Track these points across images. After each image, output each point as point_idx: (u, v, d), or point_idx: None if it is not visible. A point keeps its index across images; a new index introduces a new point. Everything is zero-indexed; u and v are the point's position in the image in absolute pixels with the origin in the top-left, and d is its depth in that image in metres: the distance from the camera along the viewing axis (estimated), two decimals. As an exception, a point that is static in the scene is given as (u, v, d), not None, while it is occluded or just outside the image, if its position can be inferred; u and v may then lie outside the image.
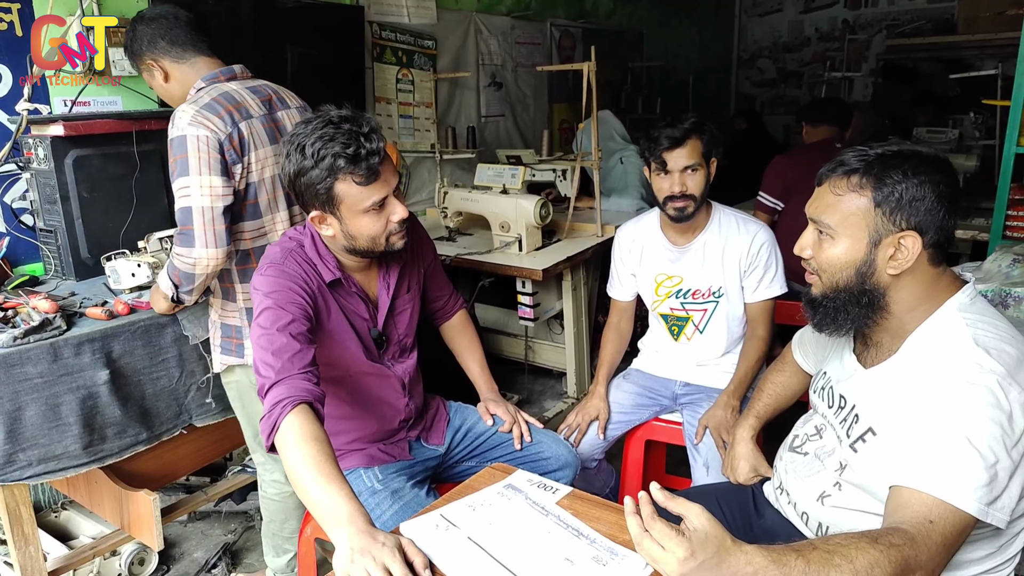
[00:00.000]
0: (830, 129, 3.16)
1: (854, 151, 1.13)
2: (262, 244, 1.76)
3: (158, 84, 1.79)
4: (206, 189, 1.60)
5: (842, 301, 1.14)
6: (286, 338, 1.29)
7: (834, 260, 1.13)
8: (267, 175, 1.73)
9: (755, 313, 1.95)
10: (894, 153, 1.10)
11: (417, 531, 1.11)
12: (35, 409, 1.64)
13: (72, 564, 1.97)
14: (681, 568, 0.84)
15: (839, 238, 1.11)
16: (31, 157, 2.06)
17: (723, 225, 1.92)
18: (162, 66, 1.74)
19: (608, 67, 4.56)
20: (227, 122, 1.64)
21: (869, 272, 1.11)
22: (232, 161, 1.64)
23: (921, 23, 6.17)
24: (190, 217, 1.59)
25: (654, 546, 0.86)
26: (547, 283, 2.89)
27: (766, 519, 1.37)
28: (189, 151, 1.59)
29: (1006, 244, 2.41)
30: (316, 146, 1.31)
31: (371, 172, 1.33)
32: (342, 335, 1.49)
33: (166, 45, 1.73)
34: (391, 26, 3.52)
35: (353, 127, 1.32)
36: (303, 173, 1.33)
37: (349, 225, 1.38)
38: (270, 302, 1.35)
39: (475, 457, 1.70)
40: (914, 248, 1.07)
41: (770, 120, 6.58)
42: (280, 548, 1.98)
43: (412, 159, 3.73)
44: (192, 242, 1.60)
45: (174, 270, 1.66)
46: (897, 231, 1.07)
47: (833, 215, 1.11)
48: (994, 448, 0.96)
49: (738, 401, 1.85)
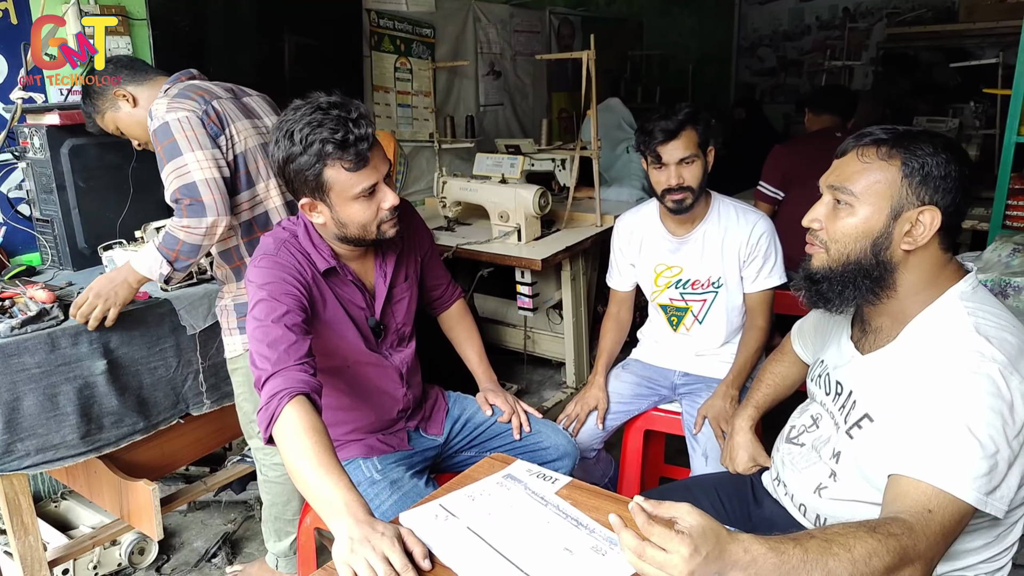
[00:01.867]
0: (832, 118, 3.14)
1: (880, 127, 1.13)
2: (261, 212, 1.84)
3: (126, 115, 1.84)
4: (203, 162, 1.66)
5: (851, 274, 1.12)
6: (281, 329, 1.28)
7: (850, 230, 1.11)
8: (250, 144, 1.80)
9: (754, 303, 1.94)
10: (920, 131, 1.10)
11: (416, 521, 1.11)
12: (33, 399, 1.64)
13: (72, 553, 1.97)
14: (688, 565, 0.83)
15: (859, 207, 1.10)
16: (27, 146, 2.05)
17: (722, 215, 1.91)
18: (129, 92, 1.81)
19: (607, 56, 4.55)
20: (200, 102, 1.73)
21: (885, 245, 1.09)
22: (215, 134, 1.72)
23: (922, 11, 6.12)
24: (196, 190, 1.65)
25: (657, 552, 0.84)
26: (546, 273, 2.88)
27: (765, 509, 1.37)
28: (175, 134, 1.65)
29: (1006, 234, 2.40)
30: (304, 132, 1.30)
31: (360, 158, 1.32)
32: (339, 324, 1.49)
33: (129, 73, 1.83)
34: (389, 14, 3.50)
35: (341, 113, 1.31)
36: (292, 160, 1.32)
37: (339, 212, 1.37)
38: (264, 294, 1.34)
39: (474, 447, 1.70)
40: (932, 224, 1.06)
41: (770, 109, 6.55)
42: (282, 531, 1.99)
43: (411, 148, 3.71)
44: (203, 212, 1.64)
45: (174, 243, 1.67)
46: (919, 204, 1.07)
47: (858, 182, 1.10)
48: (994, 437, 0.96)
49: (737, 391, 1.85)
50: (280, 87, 2.96)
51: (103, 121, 1.86)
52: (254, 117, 1.86)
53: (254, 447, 1.97)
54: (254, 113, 1.87)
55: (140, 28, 2.45)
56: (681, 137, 1.79)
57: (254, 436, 1.94)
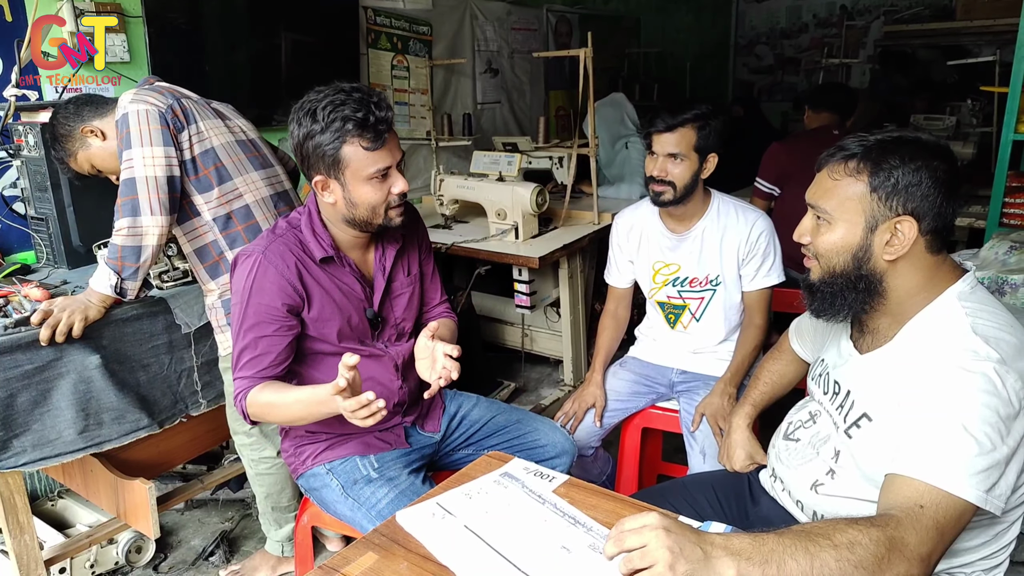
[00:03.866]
0: (830, 116, 3.14)
1: (854, 137, 1.13)
2: (241, 205, 1.84)
3: (98, 150, 1.83)
4: (148, 160, 1.66)
5: (839, 286, 1.14)
6: (251, 339, 1.43)
7: (830, 245, 1.13)
8: (223, 140, 1.82)
9: (752, 302, 1.94)
10: (893, 139, 1.10)
11: (413, 519, 1.11)
12: (27, 396, 1.64)
13: (69, 552, 1.97)
14: (662, 522, 0.85)
15: (836, 223, 1.12)
16: (21, 144, 2.04)
17: (722, 213, 1.91)
18: (95, 126, 1.81)
19: (605, 53, 4.53)
20: (167, 97, 1.74)
21: (865, 257, 1.11)
22: (178, 128, 1.72)
23: (919, 9, 6.13)
24: (133, 188, 1.65)
25: (631, 535, 0.85)
26: (544, 271, 2.88)
27: (762, 507, 1.37)
28: (131, 125, 1.66)
29: (1003, 231, 2.40)
30: (327, 110, 1.34)
31: (378, 137, 1.36)
32: (334, 312, 1.49)
33: (91, 108, 1.83)
34: (386, 11, 3.49)
35: (363, 95, 1.37)
36: (311, 136, 1.36)
37: (352, 192, 1.40)
38: (242, 302, 1.43)
39: (471, 445, 1.70)
40: (910, 234, 1.07)
41: (767, 107, 6.55)
42: (281, 519, 2.01)
43: (408, 146, 3.70)
44: (137, 211, 1.65)
45: (115, 251, 1.67)
46: (893, 216, 1.07)
47: (830, 200, 1.12)
48: (990, 435, 0.96)
49: (735, 388, 1.85)
50: (276, 84, 2.95)
51: (76, 164, 1.85)
52: (224, 118, 1.88)
53: (239, 444, 1.97)
54: (223, 115, 1.89)
55: (136, 25, 2.44)
56: (676, 133, 1.80)
57: (241, 433, 1.94)
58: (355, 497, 1.48)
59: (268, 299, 1.42)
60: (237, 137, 1.88)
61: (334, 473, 1.52)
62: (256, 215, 1.85)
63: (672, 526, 0.85)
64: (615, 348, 2.12)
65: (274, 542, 2.05)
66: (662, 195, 1.85)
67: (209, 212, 1.79)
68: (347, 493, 1.49)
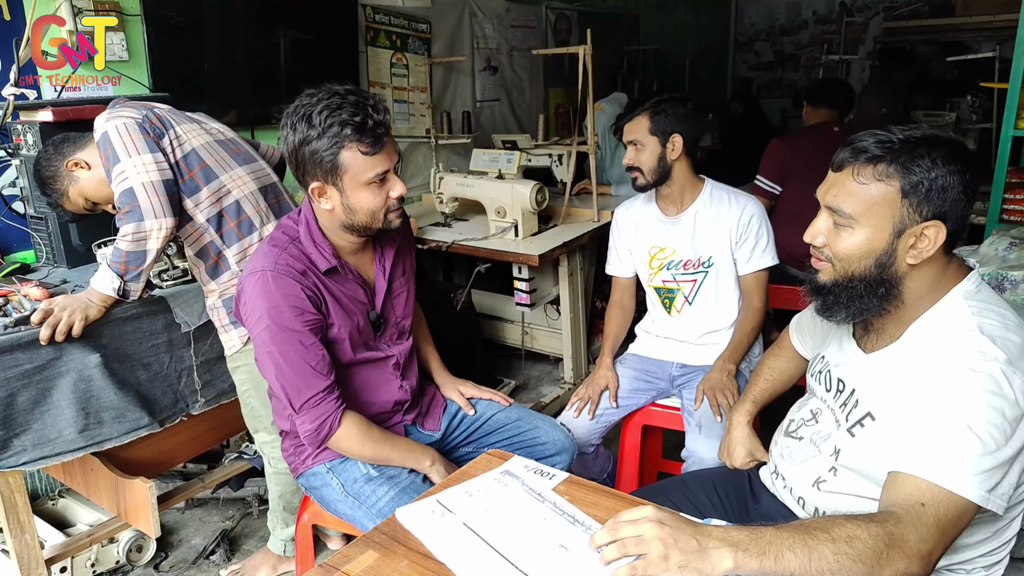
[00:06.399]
0: (830, 112, 3.14)
1: (874, 136, 1.07)
2: (231, 202, 1.84)
3: (87, 180, 1.82)
4: (140, 167, 1.66)
5: (857, 291, 1.10)
6: (301, 365, 1.39)
7: (853, 250, 1.08)
8: (202, 141, 1.84)
9: (749, 285, 1.98)
10: (919, 139, 1.05)
11: (413, 517, 1.11)
12: (27, 395, 1.64)
13: (69, 551, 1.97)
14: (658, 514, 0.85)
15: (859, 227, 1.07)
16: (20, 143, 2.04)
17: (714, 198, 1.97)
18: (79, 159, 1.81)
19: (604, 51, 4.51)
20: (140, 109, 1.76)
21: (889, 262, 1.07)
22: (158, 135, 1.73)
23: (919, 5, 6.13)
24: (133, 196, 1.65)
25: (627, 526, 0.86)
26: (543, 269, 2.88)
27: (762, 504, 1.37)
28: (113, 141, 1.66)
29: (1003, 227, 2.40)
30: (323, 115, 1.31)
31: (377, 142, 1.34)
32: (341, 321, 1.48)
33: (69, 144, 1.83)
34: (385, 9, 3.48)
35: (359, 98, 1.33)
36: (308, 142, 1.33)
37: (350, 198, 1.38)
38: (272, 324, 1.38)
39: (472, 443, 1.70)
40: (937, 238, 1.04)
41: (767, 103, 6.55)
42: (290, 519, 2.01)
43: (407, 144, 3.70)
44: (140, 216, 1.65)
45: (119, 255, 1.68)
46: (921, 220, 1.04)
47: (856, 204, 1.06)
48: (995, 436, 0.96)
49: (734, 365, 1.89)
50: (275, 83, 2.95)
51: (71, 203, 1.85)
52: (197, 122, 1.90)
53: (261, 441, 1.96)
54: (196, 120, 1.91)
55: (134, 24, 2.43)
56: (633, 122, 1.92)
57: (261, 430, 1.93)
58: (355, 495, 1.48)
59: (296, 303, 1.38)
60: (216, 137, 1.89)
61: (334, 472, 1.52)
62: (246, 209, 1.85)
63: (667, 519, 0.85)
64: (623, 336, 2.16)
65: (278, 540, 2.05)
66: (636, 180, 1.97)
67: (202, 214, 1.79)
68: (347, 491, 1.49)
